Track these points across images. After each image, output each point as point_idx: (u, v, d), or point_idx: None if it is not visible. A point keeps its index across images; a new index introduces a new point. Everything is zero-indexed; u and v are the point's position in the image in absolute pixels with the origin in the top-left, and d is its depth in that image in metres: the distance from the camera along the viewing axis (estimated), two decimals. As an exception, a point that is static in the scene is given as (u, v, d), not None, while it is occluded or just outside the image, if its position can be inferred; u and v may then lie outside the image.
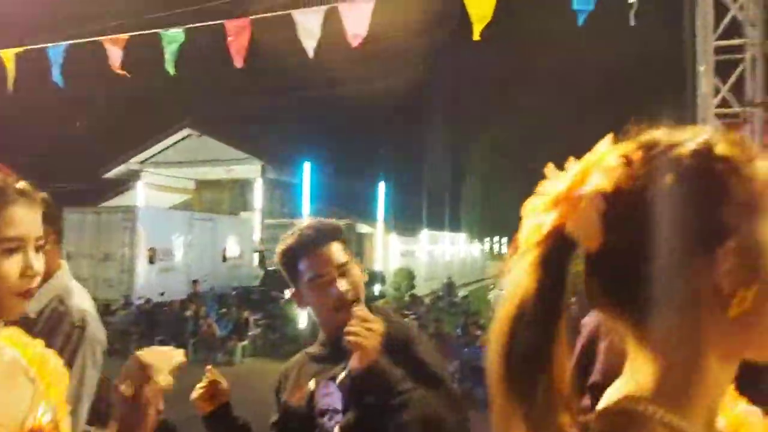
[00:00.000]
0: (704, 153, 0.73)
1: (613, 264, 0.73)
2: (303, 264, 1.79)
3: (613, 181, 0.72)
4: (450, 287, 22.79)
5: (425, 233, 26.48)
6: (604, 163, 0.73)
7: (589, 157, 0.75)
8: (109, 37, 5.65)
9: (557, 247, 0.73)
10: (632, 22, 4.12)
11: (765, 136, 6.49)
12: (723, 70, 6.08)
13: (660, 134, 0.76)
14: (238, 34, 4.93)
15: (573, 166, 0.75)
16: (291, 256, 1.80)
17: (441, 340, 10.15)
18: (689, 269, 0.71)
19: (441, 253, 28.37)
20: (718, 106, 6.03)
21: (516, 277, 0.74)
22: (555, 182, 0.75)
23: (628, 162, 0.73)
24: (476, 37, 4.26)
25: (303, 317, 15.45)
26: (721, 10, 6.00)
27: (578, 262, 0.76)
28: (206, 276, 16.84)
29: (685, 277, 0.71)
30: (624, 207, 0.71)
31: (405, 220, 25.19)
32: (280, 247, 1.82)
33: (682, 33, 5.96)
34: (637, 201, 0.71)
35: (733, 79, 6.04)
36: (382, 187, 21.43)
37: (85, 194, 19.27)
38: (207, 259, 18.03)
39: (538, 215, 0.75)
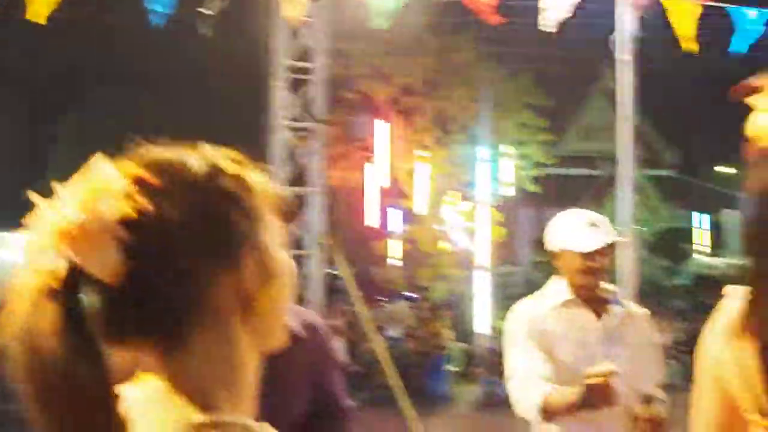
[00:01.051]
0: (214, 171, 0.77)
1: (141, 294, 0.70)
2: None
3: (132, 208, 0.69)
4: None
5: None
6: (114, 189, 0.69)
7: (90, 181, 0.70)
8: None
9: (77, 290, 0.67)
10: (204, 31, 4.25)
11: (328, 148, 7.44)
12: (297, 87, 6.74)
13: (163, 154, 0.77)
14: None
15: (65, 192, 0.69)
16: None
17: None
18: (219, 280, 0.74)
19: (12, 258, 24.95)
20: (291, 120, 6.66)
21: (42, 340, 0.66)
22: (51, 212, 0.68)
23: (145, 186, 0.71)
24: (42, 21, 3.84)
25: None
26: (296, 33, 6.65)
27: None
28: None
29: (218, 288, 0.74)
30: (148, 233, 0.69)
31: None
32: None
33: (260, 50, 6.43)
34: (163, 225, 0.70)
35: (303, 96, 6.75)
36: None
37: None
38: None
39: (42, 254, 0.68)
